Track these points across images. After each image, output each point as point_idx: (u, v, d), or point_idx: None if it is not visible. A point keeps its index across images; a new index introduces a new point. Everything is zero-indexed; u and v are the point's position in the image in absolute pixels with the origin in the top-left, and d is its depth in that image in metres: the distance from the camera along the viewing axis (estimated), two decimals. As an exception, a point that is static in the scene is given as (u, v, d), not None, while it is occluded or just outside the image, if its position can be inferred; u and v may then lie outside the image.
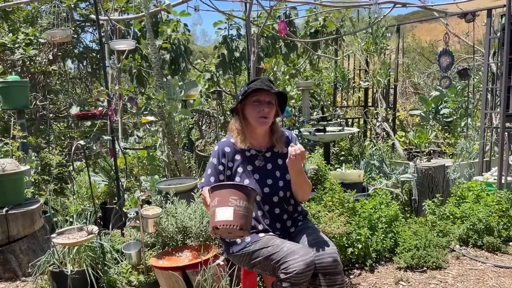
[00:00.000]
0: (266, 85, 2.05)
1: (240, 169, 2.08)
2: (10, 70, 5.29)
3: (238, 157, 2.11)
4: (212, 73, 5.96)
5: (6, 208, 3.01)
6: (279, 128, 2.19)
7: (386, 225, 3.18)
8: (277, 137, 2.16)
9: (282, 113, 2.19)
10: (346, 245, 2.93)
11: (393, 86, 5.96)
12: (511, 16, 3.71)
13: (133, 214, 2.61)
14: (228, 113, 6.18)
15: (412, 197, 3.94)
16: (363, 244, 2.98)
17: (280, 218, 2.10)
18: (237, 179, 2.07)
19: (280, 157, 2.15)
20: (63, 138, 5.64)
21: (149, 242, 2.76)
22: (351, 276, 2.89)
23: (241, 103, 2.12)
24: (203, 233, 2.63)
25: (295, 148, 1.90)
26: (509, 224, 3.41)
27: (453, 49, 7.13)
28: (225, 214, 1.72)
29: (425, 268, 2.99)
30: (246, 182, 2.05)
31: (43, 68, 5.30)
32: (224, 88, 6.47)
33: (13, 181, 3.14)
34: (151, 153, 4.14)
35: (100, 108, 4.03)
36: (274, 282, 1.84)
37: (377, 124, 5.83)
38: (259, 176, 2.08)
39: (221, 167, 2.09)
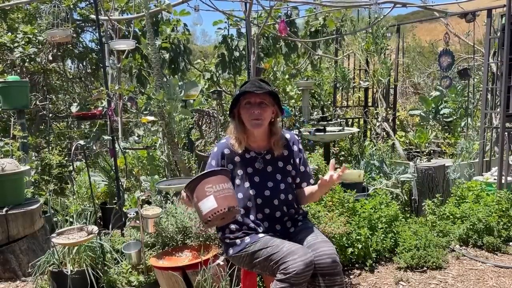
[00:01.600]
0: (255, 86, 1.98)
1: (240, 172, 2.06)
2: (9, 70, 5.28)
3: (237, 159, 2.08)
4: (212, 73, 5.95)
5: (6, 208, 3.01)
6: (278, 130, 2.12)
7: (386, 225, 3.18)
8: (275, 140, 2.10)
9: (282, 112, 2.12)
10: (346, 245, 2.92)
11: (393, 86, 5.95)
12: (511, 16, 3.71)
13: (133, 214, 2.61)
14: (228, 113, 6.16)
15: (412, 197, 3.94)
16: (363, 244, 2.98)
17: (280, 221, 2.08)
18: (237, 181, 2.05)
19: (280, 160, 2.11)
20: (62, 138, 5.64)
21: (149, 242, 2.75)
22: (351, 276, 2.89)
23: (236, 107, 2.08)
24: (203, 233, 2.63)
25: (334, 176, 1.91)
26: (509, 224, 3.41)
27: (453, 49, 7.11)
28: (208, 204, 1.72)
29: (425, 268, 2.98)
30: (246, 184, 2.04)
31: (43, 66, 5.30)
32: (224, 88, 6.46)
33: (13, 181, 3.14)
34: (151, 153, 4.14)
35: (100, 108, 4.04)
36: (274, 283, 1.83)
37: (377, 124, 5.82)
38: (259, 179, 2.06)
39: None
